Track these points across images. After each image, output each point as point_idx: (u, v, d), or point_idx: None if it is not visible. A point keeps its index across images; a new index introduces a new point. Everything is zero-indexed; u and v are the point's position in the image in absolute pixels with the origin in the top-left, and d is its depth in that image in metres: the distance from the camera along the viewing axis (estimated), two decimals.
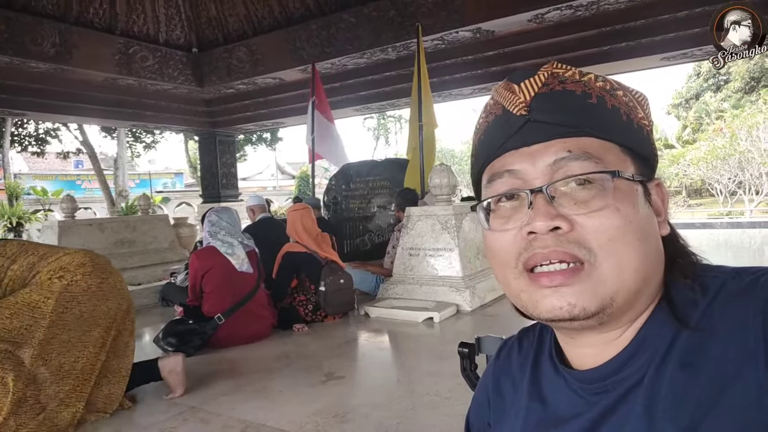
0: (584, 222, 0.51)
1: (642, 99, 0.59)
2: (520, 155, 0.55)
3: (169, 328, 3.53)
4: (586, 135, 0.53)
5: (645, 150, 0.57)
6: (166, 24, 7.72)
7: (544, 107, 0.54)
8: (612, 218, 0.51)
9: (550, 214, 0.51)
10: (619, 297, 0.52)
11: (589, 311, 0.51)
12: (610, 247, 0.51)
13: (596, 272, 0.51)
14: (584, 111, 0.54)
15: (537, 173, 0.54)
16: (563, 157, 0.53)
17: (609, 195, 0.51)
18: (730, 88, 23.56)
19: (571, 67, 0.57)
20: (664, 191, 0.59)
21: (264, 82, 7.89)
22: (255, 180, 34.13)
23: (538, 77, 0.56)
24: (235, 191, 10.89)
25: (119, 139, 17.08)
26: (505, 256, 0.56)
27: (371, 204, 7.07)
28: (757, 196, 16.52)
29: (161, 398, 2.76)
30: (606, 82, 0.57)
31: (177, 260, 8.49)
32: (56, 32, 6.35)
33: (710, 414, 0.47)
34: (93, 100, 7.77)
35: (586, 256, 0.51)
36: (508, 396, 0.69)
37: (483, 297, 4.47)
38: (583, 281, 0.51)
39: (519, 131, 0.55)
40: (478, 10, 5.49)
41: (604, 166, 0.52)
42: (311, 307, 4.16)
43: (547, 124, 0.54)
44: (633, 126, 0.56)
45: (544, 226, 0.51)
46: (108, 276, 2.46)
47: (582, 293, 0.51)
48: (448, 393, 2.57)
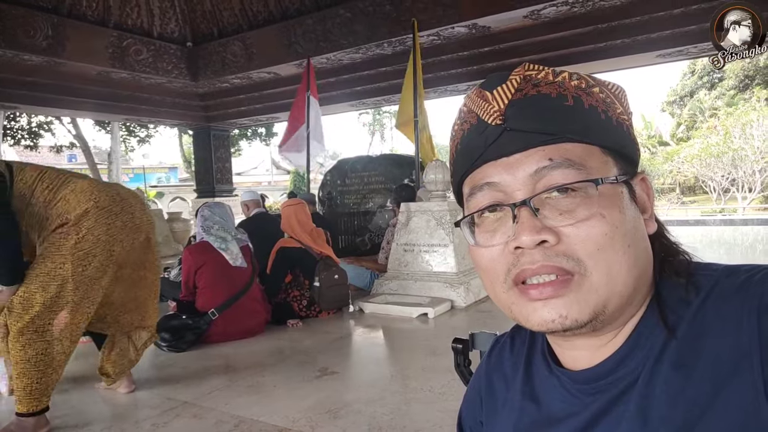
0: (571, 233, 0.50)
1: (619, 92, 0.57)
2: (499, 166, 0.53)
3: (162, 323, 3.51)
4: (565, 140, 0.52)
5: (626, 147, 0.55)
6: (161, 17, 7.66)
7: (519, 114, 0.52)
8: (599, 226, 0.50)
9: (535, 228, 0.50)
10: (610, 304, 0.51)
11: (581, 322, 0.50)
12: (599, 256, 0.50)
13: (587, 282, 0.50)
14: (561, 115, 0.52)
15: (518, 184, 0.52)
16: (544, 166, 0.51)
17: (594, 203, 0.50)
18: (724, 86, 23.65)
19: (544, 67, 0.55)
20: (649, 185, 0.57)
21: (259, 77, 7.85)
22: (250, 175, 34.02)
23: (511, 83, 0.54)
24: (229, 186, 10.86)
25: (113, 133, 16.98)
26: (493, 272, 0.55)
27: (366, 199, 7.06)
28: (750, 193, 16.63)
29: (153, 393, 2.75)
30: (581, 79, 0.55)
31: (171, 255, 8.46)
32: (49, 25, 6.30)
33: (706, 414, 0.46)
34: (86, 93, 7.72)
35: (575, 268, 0.50)
36: (501, 395, 0.69)
37: (477, 293, 4.48)
38: (574, 292, 0.50)
39: (496, 141, 0.53)
40: (474, 6, 5.48)
41: (587, 173, 0.51)
42: (305, 303, 4.16)
43: (525, 133, 0.52)
44: (612, 123, 0.54)
45: (530, 241, 0.50)
46: (114, 218, 2.38)
47: (573, 304, 0.50)
48: (441, 388, 2.58)
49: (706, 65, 24.64)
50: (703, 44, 5.63)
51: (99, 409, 2.62)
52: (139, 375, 3.17)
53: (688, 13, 5.22)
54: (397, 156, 8.31)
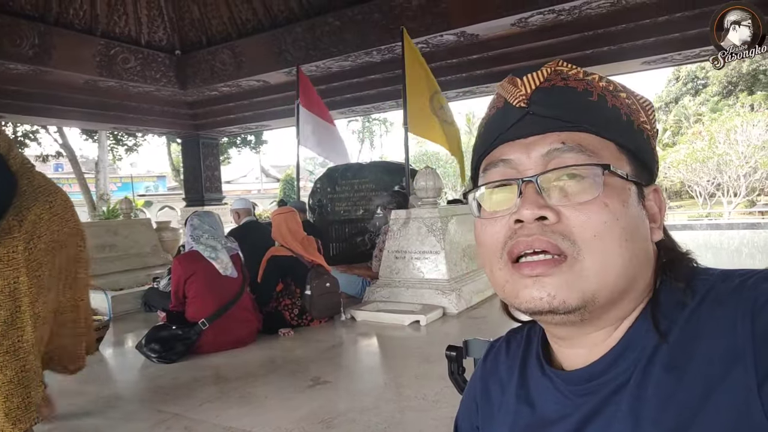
0: (571, 214, 0.51)
1: (646, 104, 0.59)
2: (516, 146, 0.55)
3: (152, 333, 3.48)
4: (583, 130, 0.54)
5: (643, 153, 0.56)
6: (149, 26, 7.63)
7: (543, 101, 0.55)
8: (599, 213, 0.50)
9: (537, 204, 0.51)
10: (601, 295, 0.51)
11: (569, 305, 0.51)
12: (594, 243, 0.50)
13: (578, 266, 0.50)
14: (583, 107, 0.54)
15: (530, 163, 0.54)
16: (557, 148, 0.53)
17: (599, 189, 0.51)
18: (708, 92, 24.02)
19: (576, 66, 0.57)
20: (662, 198, 0.58)
21: (248, 85, 7.84)
22: (239, 183, 33.87)
23: (541, 72, 0.56)
24: (219, 194, 10.80)
25: (100, 142, 16.82)
26: (491, 244, 0.56)
27: (357, 207, 7.05)
28: (735, 198, 16.85)
29: (144, 405, 2.71)
30: (610, 83, 0.57)
31: (160, 265, 8.37)
32: (35, 33, 6.24)
33: (698, 417, 0.46)
34: (73, 102, 7.64)
35: (569, 249, 0.50)
36: (496, 399, 0.68)
37: (469, 299, 4.48)
38: (564, 273, 0.51)
39: (517, 123, 0.55)
40: (462, 14, 5.52)
41: (597, 160, 0.52)
42: (297, 311, 4.13)
43: (545, 118, 0.54)
44: (633, 127, 0.56)
45: (530, 215, 0.51)
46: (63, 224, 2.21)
47: (562, 285, 0.51)
48: (435, 396, 2.57)
49: (690, 72, 25.03)
50: (687, 51, 5.71)
51: (87, 422, 2.57)
52: (129, 387, 3.14)
53: (672, 21, 5.31)
54: (387, 163, 8.32)
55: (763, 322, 0.46)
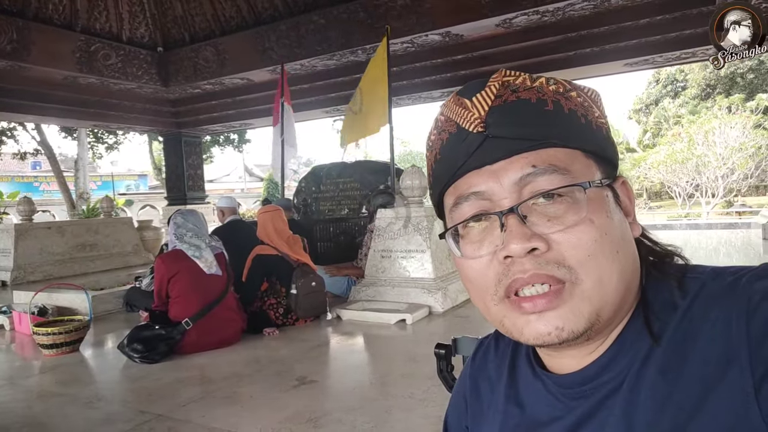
0: (561, 239, 0.49)
1: (595, 96, 0.57)
2: (484, 174, 0.52)
3: (134, 333, 3.43)
4: (548, 146, 0.51)
5: (606, 149, 0.55)
6: (130, 22, 7.51)
7: (501, 121, 0.52)
8: (588, 232, 0.49)
9: (525, 235, 0.49)
10: (604, 312, 0.50)
11: (577, 332, 0.50)
12: (590, 263, 0.49)
13: (578, 290, 0.49)
14: (542, 120, 0.52)
15: (505, 192, 0.51)
16: (529, 173, 0.50)
17: (582, 208, 0.50)
18: (687, 95, 24.43)
19: (521, 73, 0.55)
20: (629, 188, 0.57)
21: (231, 83, 7.77)
22: (222, 182, 33.57)
23: (490, 89, 0.53)
24: (201, 193, 10.69)
25: (80, 140, 16.51)
26: (482, 283, 0.54)
27: (342, 206, 7.04)
28: (713, 198, 17.17)
29: (126, 406, 2.67)
30: (558, 84, 0.54)
31: (141, 264, 8.28)
32: (13, 28, 6.10)
33: (694, 419, 0.46)
34: (52, 98, 7.50)
35: (566, 275, 0.49)
36: (486, 398, 0.68)
37: (455, 298, 4.49)
38: (567, 302, 0.49)
39: (478, 149, 0.52)
40: (447, 14, 5.54)
41: (572, 177, 0.50)
42: (282, 311, 4.10)
43: (507, 139, 0.51)
44: (591, 127, 0.54)
45: (520, 249, 0.49)
46: None
47: (568, 315, 0.49)
48: (422, 395, 2.57)
49: (669, 74, 25.44)
50: (668, 53, 5.81)
51: (69, 424, 2.52)
52: (110, 388, 3.09)
53: (653, 23, 5.39)
54: (372, 162, 8.31)
55: (758, 323, 0.45)
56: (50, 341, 3.61)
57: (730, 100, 20.37)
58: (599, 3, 5.08)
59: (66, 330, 3.66)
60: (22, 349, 4.02)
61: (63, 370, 3.36)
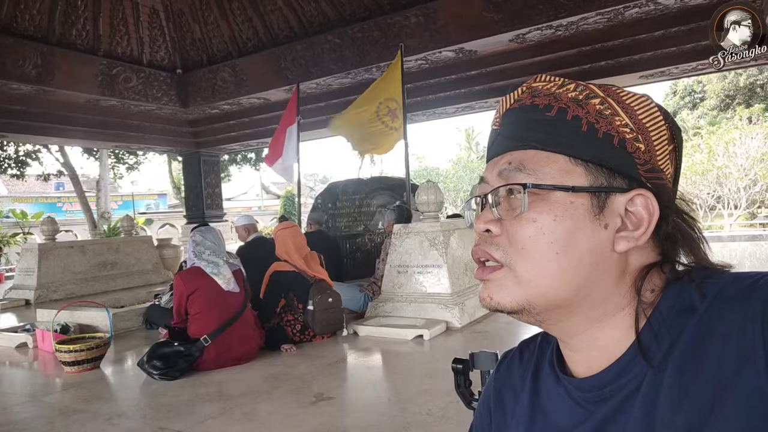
0: (508, 228, 0.56)
1: (635, 103, 0.56)
2: (490, 165, 0.61)
3: (153, 350, 3.46)
4: (530, 147, 0.57)
5: (607, 160, 0.54)
6: (150, 45, 7.72)
7: (508, 122, 0.59)
8: (525, 228, 0.54)
9: (485, 218, 0.58)
10: (538, 301, 0.55)
11: (505, 307, 0.56)
12: (522, 254, 0.55)
13: (511, 274, 0.56)
14: (534, 124, 0.57)
15: (493, 181, 0.59)
16: (505, 168, 0.58)
17: (523, 206, 0.55)
18: (705, 106, 24.16)
19: (554, 78, 0.58)
20: (651, 203, 0.55)
21: (249, 102, 7.90)
22: (240, 200, 33.91)
23: (516, 93, 0.60)
24: (219, 211, 10.81)
25: (101, 161, 16.88)
26: None
27: (358, 222, 7.06)
28: (735, 210, 16.84)
29: (146, 422, 2.68)
30: (585, 89, 0.56)
31: (161, 282, 8.37)
32: (38, 53, 6.31)
33: (710, 420, 0.46)
34: (75, 121, 7.69)
35: (503, 258, 0.56)
36: (510, 408, 0.68)
37: (472, 313, 4.46)
38: (498, 279, 0.56)
39: (493, 143, 0.62)
40: (460, 31, 5.58)
41: (534, 178, 0.55)
42: (299, 327, 4.11)
43: (505, 138, 0.59)
44: (595, 136, 0.54)
45: (478, 228, 0.59)
46: None
47: (497, 290, 0.57)
48: (440, 411, 2.54)
49: (687, 86, 25.20)
50: (684, 65, 5.76)
51: None
52: (130, 404, 3.11)
53: (668, 35, 5.36)
54: (387, 178, 8.34)
55: None
56: (72, 358, 3.66)
57: (750, 110, 20.08)
58: (613, 16, 5.08)
59: (87, 347, 3.71)
60: (45, 366, 4.08)
61: (84, 386, 3.39)
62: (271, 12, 7.06)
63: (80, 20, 6.82)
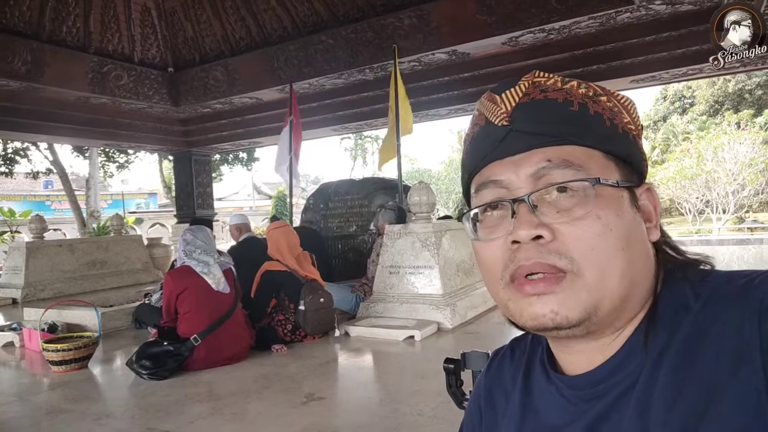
0: (565, 230, 0.51)
1: (628, 103, 0.59)
2: (504, 165, 0.55)
3: (142, 350, 3.43)
4: (567, 143, 0.53)
5: (630, 155, 0.56)
6: (142, 43, 7.66)
7: (525, 117, 0.55)
8: (592, 226, 0.51)
9: (532, 223, 0.52)
10: (603, 305, 0.51)
11: (572, 320, 0.51)
12: (591, 256, 0.51)
13: (579, 281, 0.51)
14: (565, 119, 0.54)
15: (521, 182, 0.54)
16: (543, 166, 0.53)
17: (590, 202, 0.51)
18: (695, 111, 24.40)
19: (554, 75, 0.57)
20: (655, 196, 0.59)
21: (241, 102, 7.86)
22: (231, 200, 33.77)
23: (519, 87, 0.56)
24: (210, 211, 10.74)
25: (91, 159, 16.73)
26: (492, 266, 0.56)
27: (350, 223, 7.06)
28: (724, 214, 17.01)
29: (134, 422, 2.66)
30: (589, 88, 0.57)
31: (151, 281, 8.31)
32: (28, 50, 6.23)
33: (705, 419, 0.46)
34: (65, 118, 7.61)
35: (567, 266, 0.51)
36: (500, 407, 0.68)
37: (464, 314, 4.46)
38: (566, 290, 0.51)
39: (502, 141, 0.55)
40: (453, 33, 5.60)
41: (585, 174, 0.52)
42: (290, 327, 4.10)
43: (528, 134, 0.54)
44: (617, 131, 0.55)
45: (526, 235, 0.52)
46: None
47: (565, 301, 0.51)
48: (431, 412, 2.54)
49: (677, 91, 25.45)
50: (674, 70, 5.82)
51: None
52: (119, 404, 3.08)
53: (659, 40, 5.41)
54: (380, 179, 8.33)
55: None
56: (60, 358, 3.62)
57: (738, 116, 20.31)
58: (605, 21, 5.11)
59: (75, 347, 3.67)
60: (32, 366, 4.03)
61: (72, 386, 3.36)
62: (264, 11, 7.03)
63: (71, 17, 6.75)
